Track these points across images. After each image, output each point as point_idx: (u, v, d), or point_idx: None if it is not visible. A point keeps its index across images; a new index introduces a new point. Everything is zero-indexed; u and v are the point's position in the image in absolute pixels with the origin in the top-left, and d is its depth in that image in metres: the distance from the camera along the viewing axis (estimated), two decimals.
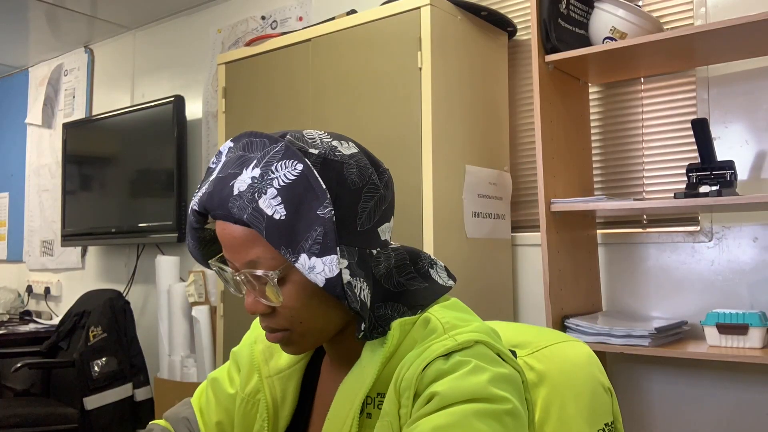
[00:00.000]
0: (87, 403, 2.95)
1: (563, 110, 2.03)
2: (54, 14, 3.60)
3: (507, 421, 0.73)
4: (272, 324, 0.83)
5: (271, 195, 0.76)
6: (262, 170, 0.78)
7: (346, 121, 2.14)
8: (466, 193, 2.06)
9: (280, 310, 0.81)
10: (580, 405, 0.95)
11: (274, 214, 0.75)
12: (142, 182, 3.43)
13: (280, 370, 0.95)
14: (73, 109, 4.12)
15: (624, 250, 2.13)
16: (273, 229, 0.75)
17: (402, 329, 0.82)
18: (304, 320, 0.82)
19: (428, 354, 0.77)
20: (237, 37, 3.25)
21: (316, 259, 0.75)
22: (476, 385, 0.73)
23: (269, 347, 0.97)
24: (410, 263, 0.90)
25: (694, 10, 2.02)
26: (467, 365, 0.75)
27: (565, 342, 1.03)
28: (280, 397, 0.93)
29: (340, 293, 0.75)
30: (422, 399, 0.75)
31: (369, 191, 0.82)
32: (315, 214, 0.76)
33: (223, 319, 2.52)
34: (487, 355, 0.78)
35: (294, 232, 0.75)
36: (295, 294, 0.80)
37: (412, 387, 0.76)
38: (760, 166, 1.91)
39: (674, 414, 2.00)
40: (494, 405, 0.72)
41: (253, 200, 0.76)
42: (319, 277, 0.75)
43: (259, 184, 0.77)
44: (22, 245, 4.39)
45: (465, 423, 0.70)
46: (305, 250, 0.75)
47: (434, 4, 1.97)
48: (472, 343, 0.78)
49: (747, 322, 1.70)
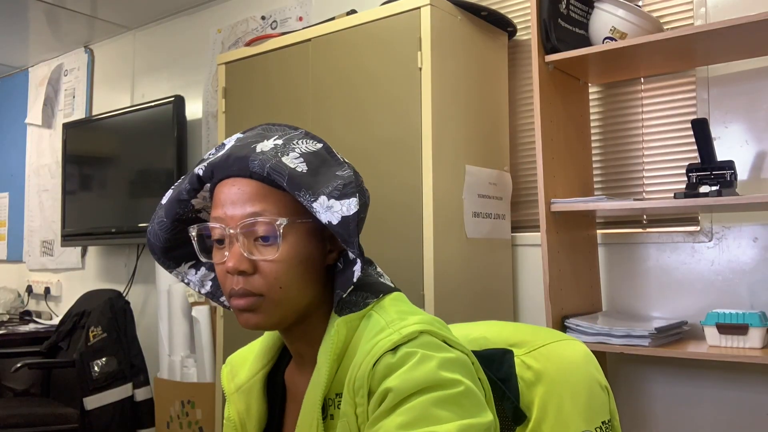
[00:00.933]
0: (87, 403, 2.95)
1: (563, 110, 2.03)
2: (54, 14, 3.60)
3: (464, 402, 0.75)
4: (248, 286, 0.83)
5: (293, 156, 0.83)
6: (284, 141, 0.86)
7: (346, 121, 2.14)
8: (466, 193, 2.06)
9: (263, 270, 0.83)
10: (578, 403, 0.96)
11: (296, 168, 0.82)
12: (142, 182, 3.43)
13: (240, 384, 0.97)
14: (73, 109, 4.12)
15: (624, 250, 2.13)
16: (294, 178, 0.81)
17: (348, 326, 0.85)
18: (283, 285, 0.83)
19: (376, 350, 0.79)
20: (237, 37, 3.25)
21: (335, 201, 0.81)
22: (427, 374, 0.75)
23: (234, 367, 1.00)
24: (366, 265, 0.94)
25: (694, 10, 2.02)
26: (414, 356, 0.77)
27: (561, 341, 1.04)
28: (245, 411, 0.94)
29: (351, 231, 0.80)
30: (377, 396, 0.77)
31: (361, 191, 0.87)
32: (335, 174, 0.84)
33: (223, 319, 2.52)
34: (433, 343, 0.80)
35: (314, 182, 0.82)
36: (289, 252, 0.83)
37: (365, 385, 0.78)
38: (760, 166, 1.91)
39: (674, 414, 2.00)
40: (448, 390, 0.75)
41: (275, 156, 0.83)
42: (336, 215, 0.80)
43: (282, 148, 0.84)
44: (22, 245, 4.39)
45: (427, 414, 0.73)
46: (325, 194, 0.81)
47: (434, 4, 1.97)
48: (416, 334, 0.80)
49: (747, 322, 1.70)
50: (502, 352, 1.01)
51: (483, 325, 1.10)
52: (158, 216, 0.92)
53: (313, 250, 0.86)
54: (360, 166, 2.10)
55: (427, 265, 1.91)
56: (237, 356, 1.03)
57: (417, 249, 1.93)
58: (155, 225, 0.92)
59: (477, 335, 1.06)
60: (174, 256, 0.95)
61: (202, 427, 2.80)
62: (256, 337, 1.10)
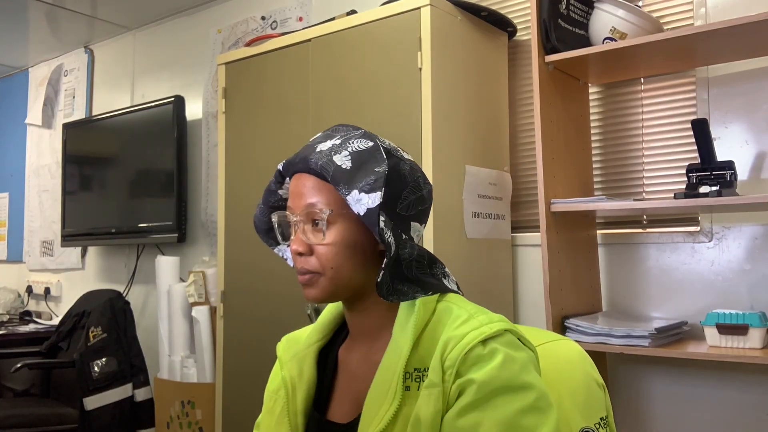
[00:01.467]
0: (87, 404, 2.95)
1: (563, 110, 2.03)
2: (54, 14, 3.60)
3: (542, 404, 0.86)
4: (306, 265, 0.97)
5: (344, 155, 0.96)
6: (341, 140, 0.98)
7: (346, 121, 2.14)
8: (466, 193, 2.06)
9: (317, 251, 0.96)
10: (576, 400, 0.99)
11: (342, 165, 0.94)
12: (142, 182, 3.43)
13: (296, 352, 1.07)
14: (73, 109, 4.12)
15: (624, 251, 2.13)
16: (338, 174, 0.94)
17: (425, 307, 0.95)
18: (334, 266, 0.95)
19: (469, 339, 0.88)
20: (237, 37, 3.25)
21: (364, 194, 0.92)
22: (510, 376, 0.86)
23: (289, 341, 1.11)
24: (427, 265, 1.00)
25: (694, 11, 2.02)
26: (499, 354, 0.87)
27: (556, 341, 1.07)
28: (297, 376, 1.04)
29: (374, 221, 0.90)
30: (462, 382, 0.86)
31: (413, 187, 0.98)
32: (373, 170, 0.95)
33: (223, 320, 2.52)
34: (514, 343, 0.90)
35: (354, 178, 0.94)
36: (336, 237, 0.95)
37: (455, 366, 0.87)
38: (760, 166, 1.91)
39: (674, 414, 2.00)
40: (528, 396, 0.85)
41: (329, 155, 0.96)
42: (362, 207, 0.91)
43: (337, 148, 0.97)
44: (22, 245, 4.39)
45: (515, 425, 0.83)
46: (357, 188, 0.93)
47: (434, 5, 1.97)
48: (503, 332, 0.90)
49: (747, 323, 1.70)
50: None
51: None
52: (259, 203, 1.08)
53: (360, 237, 0.96)
54: None
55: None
56: (292, 334, 1.14)
57: None
58: (258, 210, 1.08)
59: None
60: (274, 236, 1.10)
61: (202, 427, 2.79)
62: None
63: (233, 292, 2.50)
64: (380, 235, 0.91)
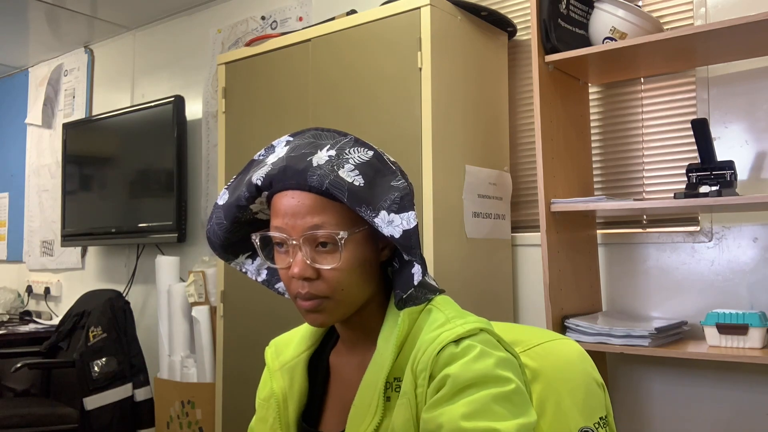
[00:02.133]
0: (87, 404, 2.95)
1: (563, 110, 2.03)
2: (54, 14, 3.60)
3: (516, 400, 0.83)
4: (313, 290, 0.90)
5: (348, 168, 0.89)
6: (336, 151, 0.91)
7: (346, 121, 2.14)
8: (466, 193, 2.06)
9: (325, 276, 0.89)
10: (576, 399, 0.99)
11: (353, 182, 0.88)
12: (142, 182, 3.43)
13: (285, 362, 1.03)
14: (73, 109, 4.12)
15: (624, 250, 2.13)
16: (354, 194, 0.87)
17: (410, 317, 0.93)
18: (345, 287, 0.90)
19: (441, 339, 0.87)
20: (237, 37, 3.25)
21: (395, 215, 0.87)
22: (485, 368, 0.83)
23: (278, 346, 1.07)
24: None
25: (694, 10, 2.02)
26: (474, 350, 0.85)
27: (556, 340, 1.07)
28: (288, 387, 1.01)
29: (414, 243, 0.88)
30: (437, 381, 0.84)
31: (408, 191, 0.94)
32: (389, 184, 0.90)
33: (223, 319, 2.52)
34: (490, 341, 0.88)
35: (372, 196, 0.88)
36: (349, 260, 0.90)
37: (427, 369, 0.85)
38: (760, 166, 1.91)
39: (674, 414, 2.00)
40: (503, 387, 0.82)
41: (333, 171, 0.88)
42: (397, 228, 0.87)
43: (336, 161, 0.89)
44: (22, 245, 4.39)
45: (487, 408, 0.80)
46: (384, 208, 0.87)
47: (434, 4, 1.97)
48: (477, 331, 0.88)
49: (747, 322, 1.70)
50: None
51: None
52: (216, 217, 0.98)
53: (369, 253, 0.93)
54: None
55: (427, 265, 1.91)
56: (281, 339, 1.10)
57: None
58: (214, 225, 0.99)
59: None
60: (232, 250, 1.03)
61: (202, 427, 2.80)
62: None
63: (233, 292, 2.50)
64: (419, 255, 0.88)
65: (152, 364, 3.21)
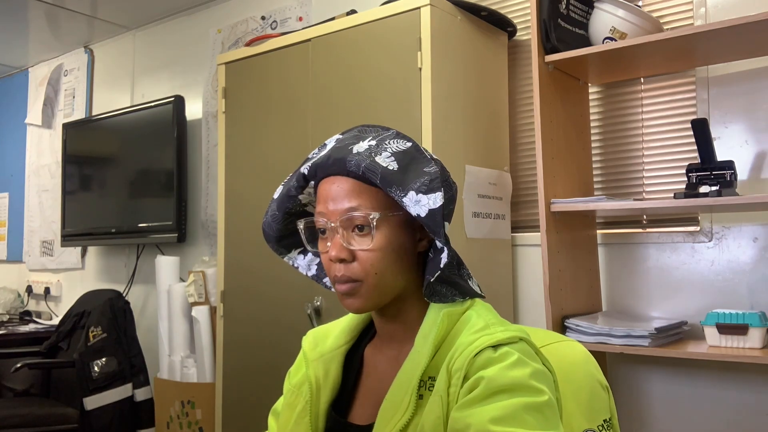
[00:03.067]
0: (87, 404, 2.95)
1: (563, 110, 2.03)
2: (54, 14, 3.60)
3: (547, 413, 0.82)
4: (348, 272, 0.93)
5: (386, 156, 0.93)
6: (377, 141, 0.95)
7: (346, 121, 2.14)
8: (466, 193, 2.06)
9: (360, 258, 0.92)
10: (580, 402, 0.98)
11: (388, 166, 0.91)
12: (142, 182, 3.43)
13: (323, 353, 1.04)
14: (73, 109, 4.12)
15: (624, 250, 2.13)
16: (386, 176, 0.90)
17: (450, 319, 0.93)
18: (378, 271, 0.92)
19: (479, 343, 0.87)
20: (237, 37, 3.25)
21: (422, 195, 0.90)
22: (520, 377, 0.83)
23: (316, 337, 1.09)
24: (456, 266, 1.00)
25: (694, 10, 2.02)
26: (512, 356, 0.85)
27: (561, 342, 1.06)
28: (323, 377, 1.02)
29: (439, 222, 0.89)
30: (471, 382, 0.84)
31: (446, 186, 0.96)
32: (422, 170, 0.93)
33: (223, 319, 2.52)
34: (528, 352, 0.88)
35: (404, 179, 0.91)
36: (382, 242, 0.92)
37: (463, 369, 0.86)
38: (760, 166, 1.91)
39: (674, 414, 2.00)
40: (536, 398, 0.82)
41: (370, 156, 0.92)
42: (423, 208, 0.89)
43: (375, 149, 0.94)
44: (22, 245, 4.39)
45: (517, 416, 0.80)
46: (414, 189, 0.90)
47: (434, 4, 1.97)
48: (517, 339, 0.88)
49: (747, 322, 1.70)
50: None
51: None
52: (271, 209, 1.03)
53: (404, 240, 0.95)
54: None
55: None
56: (319, 330, 1.11)
57: None
58: (269, 218, 1.03)
59: None
60: (285, 244, 1.07)
61: (202, 427, 2.79)
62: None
63: (233, 292, 2.50)
64: (443, 235, 0.89)
65: (152, 364, 3.21)
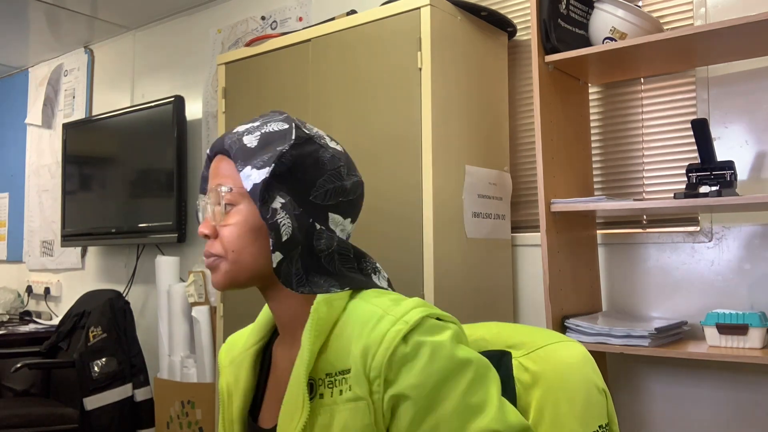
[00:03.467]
0: (87, 404, 2.95)
1: (563, 110, 2.03)
2: (54, 14, 3.60)
3: (481, 371, 0.85)
4: (211, 248, 0.95)
5: (255, 135, 0.95)
6: (260, 122, 0.97)
7: (346, 121, 2.14)
8: (466, 193, 2.06)
9: (221, 234, 0.93)
10: (574, 406, 0.94)
11: (248, 144, 0.94)
12: (142, 182, 3.43)
13: (234, 358, 1.04)
14: (73, 109, 4.12)
15: (624, 250, 2.13)
16: (240, 152, 0.93)
17: (329, 308, 0.90)
18: (236, 248, 0.92)
19: (389, 342, 0.84)
20: (237, 37, 3.25)
21: (254, 170, 0.90)
22: (442, 363, 0.83)
23: (230, 343, 1.08)
24: (354, 258, 0.97)
25: (694, 11, 2.02)
26: (424, 348, 0.84)
27: (560, 342, 1.02)
28: (234, 382, 1.01)
29: (257, 197, 0.89)
30: (394, 395, 0.83)
31: (332, 176, 0.95)
32: (275, 149, 0.92)
33: (223, 320, 2.52)
34: (435, 326, 0.87)
35: (253, 156, 0.92)
36: (238, 218, 0.93)
37: (381, 374, 0.84)
38: (760, 166, 1.91)
39: (674, 414, 2.00)
40: (467, 371, 0.84)
41: (241, 136, 0.95)
42: (249, 181, 0.90)
43: (252, 129, 0.96)
44: (22, 245, 4.39)
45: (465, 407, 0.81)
46: (251, 164, 0.92)
47: (434, 5, 1.97)
48: (420, 320, 0.86)
49: (747, 323, 1.70)
50: (500, 354, 1.00)
51: (483, 327, 1.09)
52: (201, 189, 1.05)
53: None
54: (360, 166, 2.10)
55: (427, 265, 1.91)
56: (236, 334, 1.11)
57: (417, 249, 1.93)
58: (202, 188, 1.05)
59: (477, 337, 1.05)
60: None
61: (202, 427, 2.80)
62: None
63: (233, 292, 2.50)
64: (264, 213, 0.88)
65: (152, 364, 3.21)
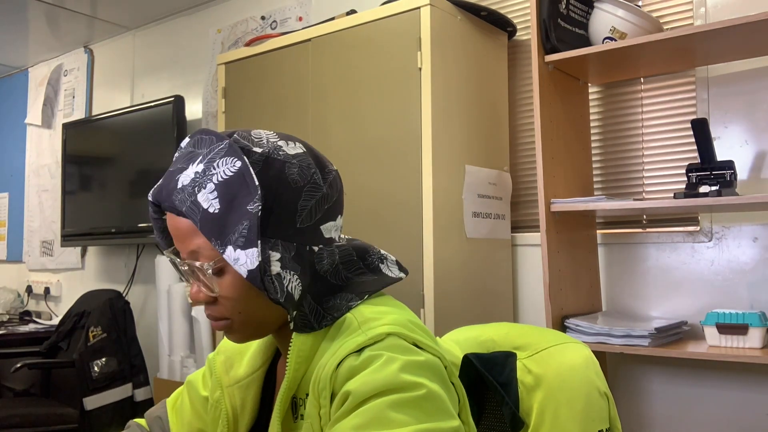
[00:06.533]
0: (87, 404, 2.95)
1: (563, 110, 2.03)
2: (54, 14, 3.60)
3: (425, 405, 0.73)
4: (214, 313, 0.87)
5: (209, 190, 0.80)
6: (205, 166, 0.82)
7: (346, 121, 2.14)
8: (466, 193, 2.06)
9: (220, 300, 0.85)
10: (574, 410, 0.93)
11: (209, 207, 0.79)
12: (142, 182, 3.43)
13: (239, 379, 0.97)
14: (72, 109, 4.12)
15: (624, 250, 2.13)
16: (206, 222, 0.79)
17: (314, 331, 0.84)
18: (242, 310, 0.85)
19: (341, 352, 0.78)
20: (237, 37, 3.25)
21: (240, 251, 0.78)
22: (387, 377, 0.74)
23: (229, 358, 1.00)
24: (358, 259, 0.90)
25: (694, 10, 2.02)
26: (378, 359, 0.76)
27: (564, 344, 1.01)
28: (240, 406, 0.95)
29: (260, 285, 0.78)
30: (338, 399, 0.76)
31: (310, 190, 0.85)
32: (245, 209, 0.79)
33: None
34: (400, 346, 0.79)
35: (225, 225, 0.79)
36: (232, 285, 0.83)
37: (328, 387, 0.78)
38: (760, 166, 1.91)
39: (674, 414, 2.00)
40: (408, 393, 0.73)
41: (192, 194, 0.81)
42: (242, 268, 0.78)
43: (200, 179, 0.81)
44: (22, 245, 4.39)
45: (381, 417, 0.71)
46: (231, 243, 0.79)
47: (434, 4, 1.97)
48: (383, 336, 0.79)
49: (747, 322, 1.70)
50: (505, 356, 1.00)
51: (493, 327, 1.09)
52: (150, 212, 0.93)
53: None
54: (360, 166, 2.11)
55: (427, 265, 1.91)
56: (233, 349, 1.02)
57: (417, 249, 1.93)
58: (155, 233, 0.94)
59: (486, 338, 1.05)
60: None
61: None
62: None
63: None
64: (271, 292, 0.79)
65: (152, 364, 3.21)
